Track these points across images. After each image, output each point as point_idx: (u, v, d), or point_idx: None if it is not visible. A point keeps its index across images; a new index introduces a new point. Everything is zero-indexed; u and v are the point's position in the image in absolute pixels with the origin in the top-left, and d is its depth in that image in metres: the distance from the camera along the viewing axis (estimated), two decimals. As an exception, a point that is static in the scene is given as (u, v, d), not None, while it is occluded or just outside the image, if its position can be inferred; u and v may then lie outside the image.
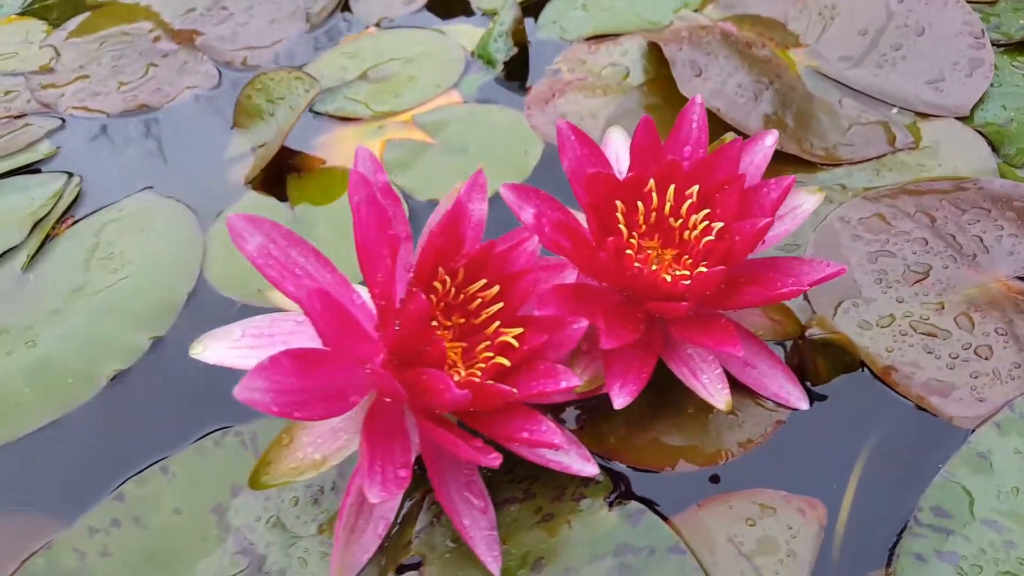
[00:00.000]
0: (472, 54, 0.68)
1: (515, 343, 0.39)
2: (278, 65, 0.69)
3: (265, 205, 0.58)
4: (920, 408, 0.45)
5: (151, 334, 0.50)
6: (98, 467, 0.44)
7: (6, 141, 0.63)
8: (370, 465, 0.35)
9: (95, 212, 0.58)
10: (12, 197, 0.59)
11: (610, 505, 0.41)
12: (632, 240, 0.44)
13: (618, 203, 0.43)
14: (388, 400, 0.38)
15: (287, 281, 0.38)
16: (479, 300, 0.41)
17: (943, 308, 0.49)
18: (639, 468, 0.43)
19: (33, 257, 0.55)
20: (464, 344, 0.41)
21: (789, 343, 0.47)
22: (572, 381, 0.39)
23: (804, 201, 0.47)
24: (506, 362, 0.39)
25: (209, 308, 0.51)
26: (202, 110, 0.66)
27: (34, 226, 0.56)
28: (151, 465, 0.44)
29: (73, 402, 0.47)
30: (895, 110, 0.61)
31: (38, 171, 0.61)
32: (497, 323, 0.40)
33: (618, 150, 0.50)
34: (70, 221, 0.57)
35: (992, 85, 0.62)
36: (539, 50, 0.70)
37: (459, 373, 0.39)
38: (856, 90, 0.63)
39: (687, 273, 0.42)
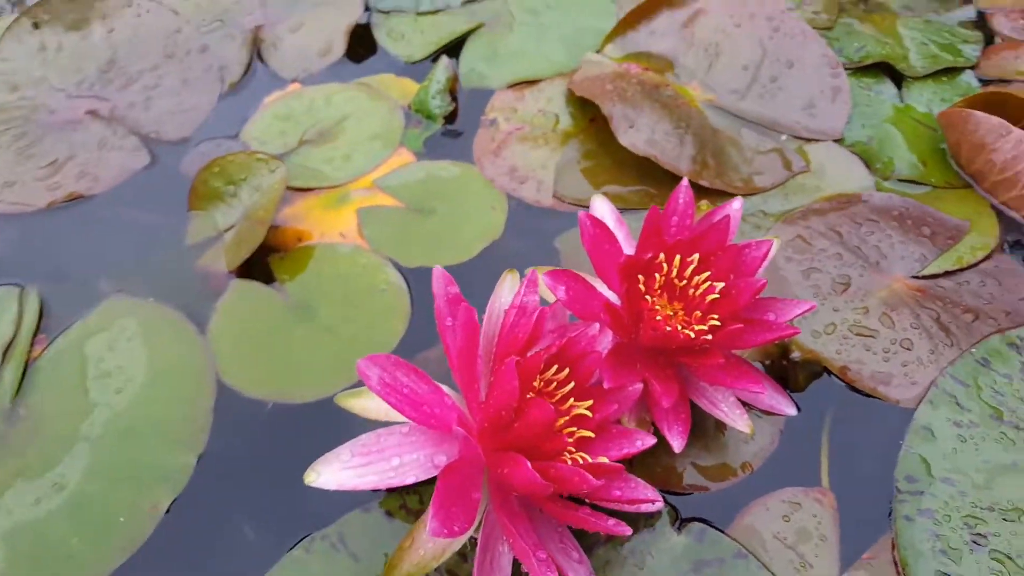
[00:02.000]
0: (409, 108, 0.71)
1: (589, 413, 0.45)
2: (210, 135, 0.67)
3: (258, 296, 0.57)
4: (872, 396, 0.56)
5: (193, 452, 0.49)
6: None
7: (-77, 252, 0.57)
8: (523, 549, 0.40)
9: (68, 328, 0.54)
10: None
11: (678, 530, 0.49)
12: (657, 307, 0.50)
13: (640, 276, 0.50)
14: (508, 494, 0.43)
15: (405, 406, 0.42)
16: (555, 383, 0.45)
17: (867, 311, 0.61)
18: (684, 491, 0.51)
19: (19, 388, 0.51)
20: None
21: (769, 361, 0.57)
22: (647, 441, 0.46)
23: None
24: (591, 434, 0.45)
25: (240, 413, 0.51)
26: (143, 194, 0.63)
27: (5, 353, 0.52)
28: (251, 586, 0.44)
29: (134, 541, 0.46)
30: (784, 137, 0.72)
31: (-27, 284, 0.56)
32: (572, 399, 0.45)
33: (604, 214, 0.57)
34: (43, 341, 0.53)
35: (850, 109, 0.75)
36: (467, 98, 0.73)
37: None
38: (750, 120, 0.73)
39: (704, 328, 0.50)
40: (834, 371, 0.57)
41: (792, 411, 0.54)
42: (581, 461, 0.43)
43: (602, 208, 0.57)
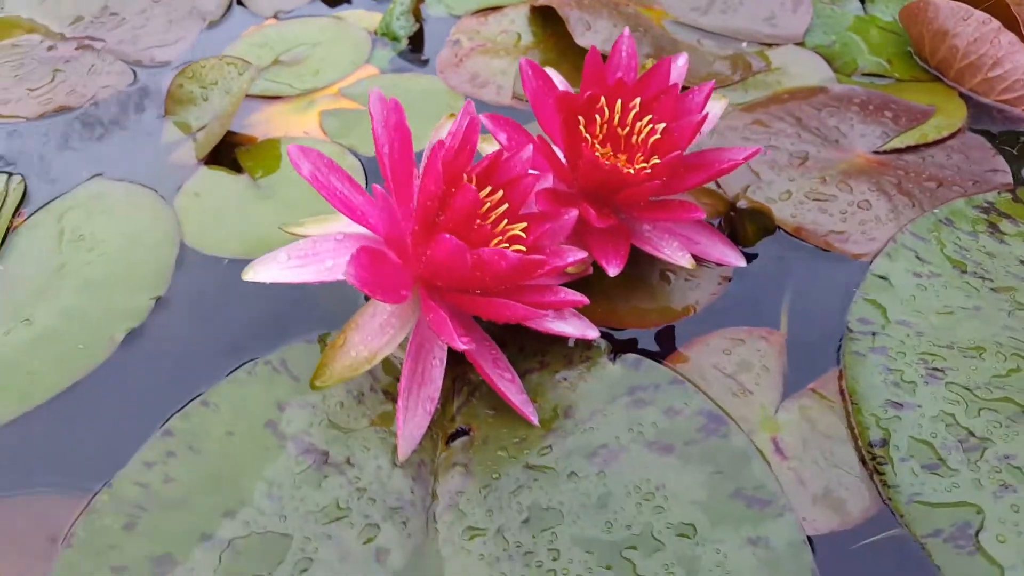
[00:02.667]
0: (376, 33, 0.74)
1: (523, 235, 0.45)
2: (189, 60, 0.71)
3: (224, 179, 0.60)
4: (828, 251, 0.56)
5: (151, 295, 0.51)
6: (134, 412, 0.46)
7: (-81, 153, 0.61)
8: (457, 329, 0.41)
9: (48, 203, 0.58)
10: (-49, 200, 0.57)
11: (613, 360, 0.48)
12: (596, 147, 0.51)
13: (580, 118, 0.51)
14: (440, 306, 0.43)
15: (336, 201, 0.44)
16: (487, 204, 0.46)
17: (825, 180, 0.60)
18: (625, 328, 0.51)
19: (-1, 250, 0.54)
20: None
21: (719, 219, 0.57)
22: (578, 255, 0.46)
23: (713, 107, 0.57)
24: (523, 248, 0.45)
25: (199, 267, 0.54)
26: (125, 105, 0.67)
27: (-11, 223, 0.56)
28: (190, 402, 0.46)
29: (90, 364, 0.48)
30: (744, 44, 0.73)
31: (-34, 176, 0.60)
32: (506, 221, 0.46)
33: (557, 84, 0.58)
34: (23, 216, 0.57)
35: (812, 19, 0.76)
36: (432, 26, 0.76)
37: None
38: (711, 32, 0.75)
39: (645, 165, 0.50)
40: (788, 230, 0.57)
41: (741, 263, 0.53)
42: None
43: (555, 77, 0.58)
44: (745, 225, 0.55)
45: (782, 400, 0.47)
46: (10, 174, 0.60)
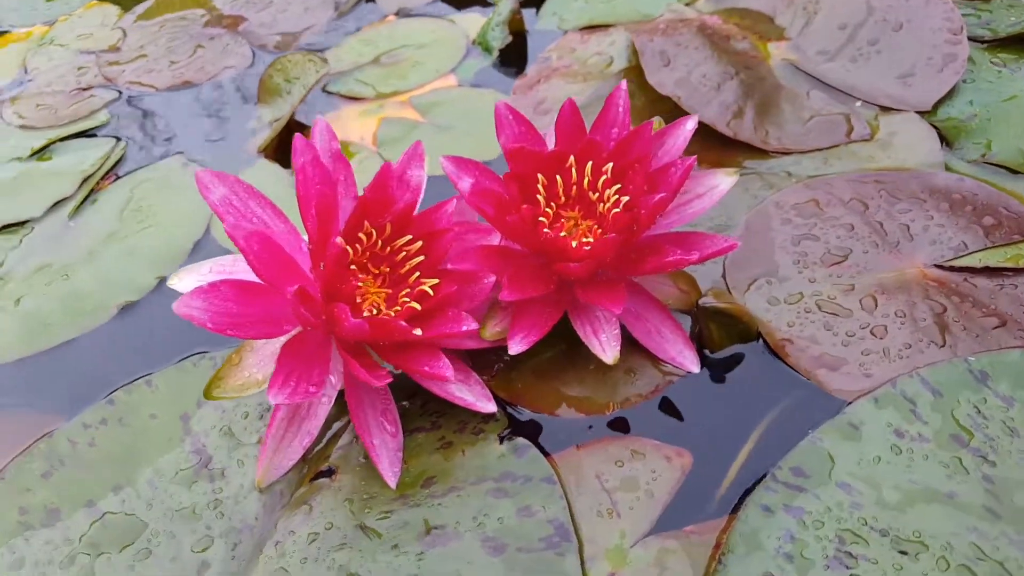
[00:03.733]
0: (473, 42, 0.75)
1: (431, 292, 0.45)
2: (306, 49, 0.77)
3: (272, 173, 0.66)
4: (808, 379, 0.48)
5: (158, 274, 0.59)
6: (100, 377, 0.54)
7: (73, 110, 0.75)
8: (279, 376, 0.42)
9: (133, 172, 0.68)
10: (68, 157, 0.70)
11: (501, 440, 0.47)
12: (549, 209, 0.48)
13: (540, 175, 0.49)
14: (310, 329, 0.45)
15: (238, 231, 0.46)
16: (404, 253, 0.47)
17: (852, 289, 0.51)
18: (537, 411, 0.49)
19: (79, 207, 0.65)
20: (389, 291, 0.47)
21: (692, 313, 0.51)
22: (471, 325, 0.45)
23: (720, 182, 0.50)
24: (417, 306, 0.45)
25: (209, 256, 0.60)
26: (235, 87, 0.76)
27: (82, 182, 0.67)
28: (140, 378, 0.53)
29: (89, 326, 0.57)
30: (859, 103, 0.63)
31: (95, 135, 0.73)
32: (418, 274, 0.46)
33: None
34: (113, 178, 0.68)
35: (964, 80, 0.63)
36: (537, 39, 0.75)
37: (380, 311, 0.46)
38: (827, 84, 0.65)
39: (592, 240, 0.47)
40: (771, 343, 0.50)
41: (694, 368, 0.48)
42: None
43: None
44: (710, 325, 0.49)
45: (648, 534, 0.43)
46: (118, 139, 0.71)
